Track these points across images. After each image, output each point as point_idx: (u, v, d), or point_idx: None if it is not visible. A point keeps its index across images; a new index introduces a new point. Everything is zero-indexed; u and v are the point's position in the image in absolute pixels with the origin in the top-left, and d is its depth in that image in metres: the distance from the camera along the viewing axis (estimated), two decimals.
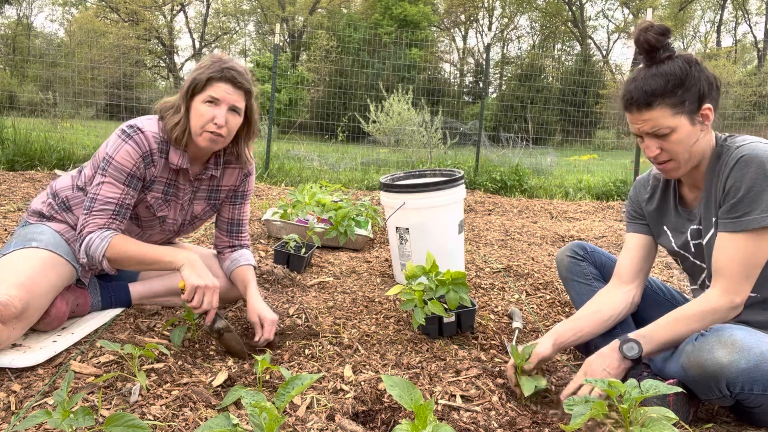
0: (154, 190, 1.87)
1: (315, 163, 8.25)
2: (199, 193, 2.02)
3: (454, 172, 2.73)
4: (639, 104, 1.46)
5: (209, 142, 1.79)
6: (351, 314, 2.19)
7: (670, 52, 1.47)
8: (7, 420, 1.29)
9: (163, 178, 1.88)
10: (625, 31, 34.62)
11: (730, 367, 1.28)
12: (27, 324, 1.59)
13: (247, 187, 2.13)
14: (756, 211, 1.40)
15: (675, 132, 1.45)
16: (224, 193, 2.08)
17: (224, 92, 1.78)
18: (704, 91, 1.44)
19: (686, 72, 1.43)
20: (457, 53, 36.62)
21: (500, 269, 2.97)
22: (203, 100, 1.78)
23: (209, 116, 1.77)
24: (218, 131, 1.78)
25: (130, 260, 1.76)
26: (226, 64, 1.80)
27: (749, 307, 1.53)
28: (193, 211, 2.04)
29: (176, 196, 1.94)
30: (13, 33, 25.36)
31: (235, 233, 2.15)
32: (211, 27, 36.48)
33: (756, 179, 1.39)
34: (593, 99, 16.25)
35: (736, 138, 1.51)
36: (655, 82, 1.44)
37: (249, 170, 2.11)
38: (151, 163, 1.82)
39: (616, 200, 6.77)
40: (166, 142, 1.84)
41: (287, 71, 18.90)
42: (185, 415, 1.33)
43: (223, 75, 1.77)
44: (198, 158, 1.94)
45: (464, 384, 1.63)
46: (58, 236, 1.83)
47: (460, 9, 34.83)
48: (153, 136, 1.81)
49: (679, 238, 1.66)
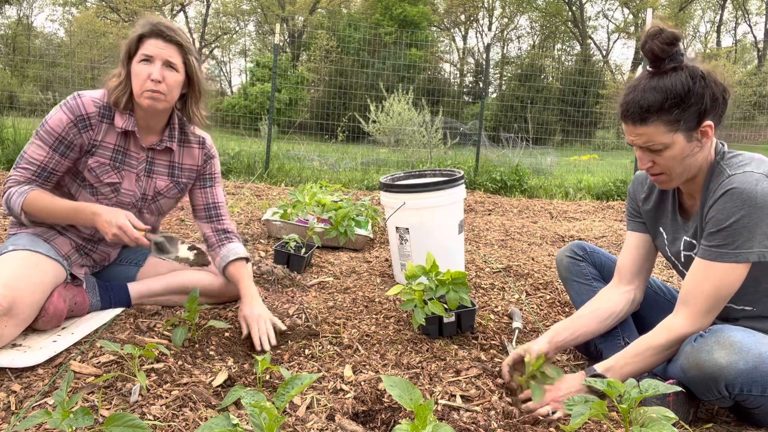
0: (98, 155, 1.86)
1: (315, 163, 8.25)
2: (157, 167, 1.99)
3: (454, 172, 2.73)
4: (633, 118, 1.42)
5: (151, 101, 1.80)
6: (351, 314, 2.19)
7: (676, 63, 1.40)
8: (7, 420, 1.29)
9: (110, 143, 1.87)
10: (625, 31, 34.62)
11: (729, 369, 1.28)
12: (20, 321, 1.59)
13: (213, 169, 2.14)
14: (732, 245, 1.37)
15: (669, 149, 1.42)
16: (187, 172, 2.06)
17: (156, 48, 1.79)
18: (706, 107, 1.38)
19: (688, 88, 1.37)
20: (457, 53, 36.64)
21: (500, 269, 2.97)
22: (139, 60, 1.79)
23: (145, 75, 1.78)
24: (156, 88, 1.78)
25: (47, 212, 1.80)
26: (155, 20, 1.82)
27: (743, 319, 1.52)
28: (155, 186, 2.00)
29: (129, 165, 1.92)
30: (13, 33, 25.36)
31: (216, 218, 2.14)
32: (211, 27, 36.48)
33: (739, 215, 1.35)
34: (593, 99, 16.25)
35: (733, 159, 1.45)
36: (652, 97, 1.39)
37: (211, 153, 2.12)
38: (88, 127, 1.81)
39: (616, 200, 6.77)
40: (110, 107, 1.85)
41: (287, 71, 18.90)
42: (185, 415, 1.33)
43: (152, 30, 1.79)
44: (149, 127, 1.93)
45: (464, 384, 1.63)
46: (34, 237, 1.85)
47: (460, 9, 34.83)
48: (93, 100, 1.82)
49: (672, 245, 1.64)
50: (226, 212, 2.19)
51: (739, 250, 1.37)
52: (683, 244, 1.60)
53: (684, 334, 1.43)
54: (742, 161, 1.43)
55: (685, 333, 1.43)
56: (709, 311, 1.43)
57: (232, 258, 2.06)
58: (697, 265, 1.45)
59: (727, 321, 1.54)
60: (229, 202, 4.67)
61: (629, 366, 1.46)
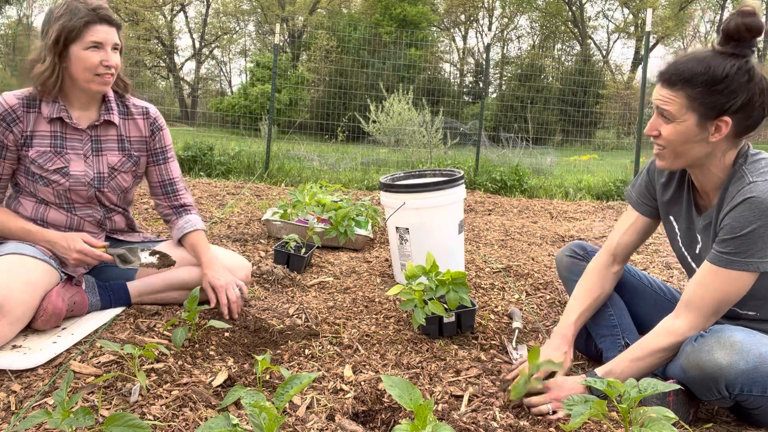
0: (36, 145, 1.86)
1: (315, 163, 8.24)
2: (105, 143, 1.98)
3: (454, 172, 2.73)
4: (664, 78, 1.40)
5: (103, 85, 1.85)
6: (351, 314, 2.19)
7: (739, 52, 1.33)
8: (7, 420, 1.29)
9: (45, 131, 1.87)
10: (625, 31, 34.61)
11: (729, 369, 1.28)
12: (14, 320, 1.59)
13: (164, 142, 2.12)
14: (744, 254, 1.36)
15: (676, 123, 1.39)
16: (136, 144, 2.05)
17: (105, 34, 1.81)
18: (733, 105, 1.33)
19: (726, 75, 1.31)
20: (457, 53, 36.64)
21: (500, 269, 2.97)
22: (85, 47, 1.80)
23: (96, 62, 1.80)
24: (110, 72, 1.83)
25: (3, 233, 1.86)
26: (93, 4, 1.81)
27: (745, 320, 1.52)
28: (108, 162, 1.98)
29: (72, 147, 1.92)
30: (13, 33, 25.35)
31: (173, 194, 2.14)
32: (211, 27, 36.46)
33: (756, 225, 1.33)
34: (593, 99, 16.25)
35: (756, 164, 1.41)
36: (691, 65, 1.35)
37: (158, 124, 2.09)
38: (15, 120, 1.83)
39: (616, 200, 6.77)
40: (35, 98, 1.85)
41: (287, 71, 18.89)
42: (185, 415, 1.33)
43: (98, 17, 1.80)
44: (85, 107, 1.94)
45: (464, 384, 1.63)
46: (20, 243, 1.84)
47: (460, 9, 34.83)
48: (14, 94, 1.83)
49: (686, 236, 1.62)
50: (182, 187, 2.18)
51: (750, 259, 1.36)
52: (698, 237, 1.58)
53: (684, 337, 1.43)
54: (765, 167, 1.39)
55: (685, 336, 1.43)
56: (711, 316, 1.43)
57: (189, 230, 2.08)
58: (706, 269, 1.43)
59: (729, 321, 1.54)
60: (229, 202, 4.67)
61: (629, 370, 1.46)
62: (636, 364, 1.46)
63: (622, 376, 1.45)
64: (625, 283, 1.85)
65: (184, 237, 2.08)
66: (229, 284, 1.91)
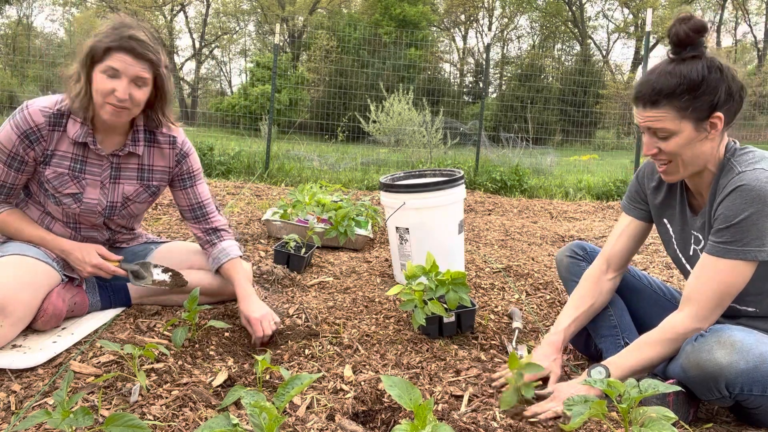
0: (54, 165, 1.78)
1: (315, 163, 8.24)
2: (124, 171, 1.90)
3: (454, 172, 2.73)
4: (645, 100, 1.42)
5: (111, 115, 1.70)
6: (351, 314, 2.19)
7: (696, 53, 1.39)
8: (7, 420, 1.29)
9: (67, 152, 1.79)
10: (625, 31, 34.61)
11: (730, 368, 1.28)
12: (16, 321, 1.60)
13: (191, 167, 2.02)
14: (740, 242, 1.37)
15: (675, 135, 1.41)
16: (159, 174, 1.96)
17: (124, 63, 1.66)
18: (719, 100, 1.37)
19: (702, 77, 1.36)
20: (457, 53, 36.64)
21: (500, 269, 2.97)
22: (102, 71, 1.67)
23: (108, 88, 1.67)
24: (120, 105, 1.69)
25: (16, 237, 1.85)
26: (127, 32, 1.67)
27: (745, 318, 1.52)
28: (123, 192, 1.91)
29: (91, 173, 1.84)
30: (13, 33, 25.38)
31: (203, 218, 2.06)
32: (211, 27, 36.47)
33: (749, 212, 1.35)
34: (593, 99, 16.26)
35: (744, 156, 1.44)
36: (666, 80, 1.39)
37: (184, 151, 1.98)
38: (39, 138, 1.74)
39: (616, 200, 6.77)
40: (62, 115, 1.76)
41: (287, 71, 18.90)
42: (185, 415, 1.33)
43: (122, 45, 1.66)
44: (111, 132, 1.84)
45: (464, 384, 1.63)
46: (23, 244, 1.84)
47: (460, 9, 34.83)
48: (41, 110, 1.73)
49: (681, 238, 1.63)
50: (213, 209, 2.10)
51: (747, 247, 1.36)
52: (692, 239, 1.58)
53: (688, 330, 1.43)
54: (753, 159, 1.42)
55: (689, 330, 1.43)
56: (714, 309, 1.42)
57: (224, 260, 2.02)
58: (704, 261, 1.44)
59: (729, 320, 1.54)
60: (229, 202, 4.67)
61: (632, 358, 1.46)
62: (641, 353, 1.46)
63: (624, 368, 1.45)
64: (625, 283, 1.85)
65: (220, 268, 2.03)
66: (264, 317, 1.84)
